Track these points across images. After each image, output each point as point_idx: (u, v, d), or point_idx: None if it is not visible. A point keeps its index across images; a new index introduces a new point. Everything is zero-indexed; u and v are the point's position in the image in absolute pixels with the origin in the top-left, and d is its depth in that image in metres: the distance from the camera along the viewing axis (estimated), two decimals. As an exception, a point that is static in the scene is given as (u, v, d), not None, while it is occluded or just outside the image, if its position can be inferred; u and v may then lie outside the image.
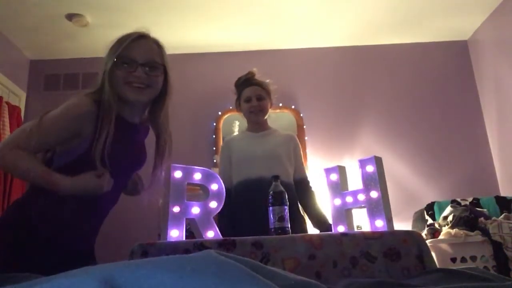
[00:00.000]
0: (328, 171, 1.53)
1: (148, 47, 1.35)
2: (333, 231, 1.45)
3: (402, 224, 2.93)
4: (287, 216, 1.44)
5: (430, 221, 2.71)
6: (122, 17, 3.15)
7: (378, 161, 1.42)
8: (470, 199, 2.76)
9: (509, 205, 2.66)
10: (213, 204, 1.44)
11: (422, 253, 1.27)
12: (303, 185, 2.02)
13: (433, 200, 2.86)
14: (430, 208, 2.80)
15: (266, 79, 2.10)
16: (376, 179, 1.39)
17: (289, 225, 1.45)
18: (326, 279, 1.19)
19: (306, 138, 3.40)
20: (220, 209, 1.98)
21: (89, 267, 0.47)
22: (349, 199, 1.45)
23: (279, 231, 1.40)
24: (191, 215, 1.39)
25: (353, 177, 1.57)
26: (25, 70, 3.62)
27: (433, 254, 1.40)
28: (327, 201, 1.51)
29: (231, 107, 3.46)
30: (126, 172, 1.37)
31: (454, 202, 2.69)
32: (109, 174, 1.22)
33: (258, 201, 1.75)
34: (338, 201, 1.48)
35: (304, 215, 2.04)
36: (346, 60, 3.66)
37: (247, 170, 1.93)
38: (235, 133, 3.22)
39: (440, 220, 2.59)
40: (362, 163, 1.44)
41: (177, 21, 3.23)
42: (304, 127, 3.44)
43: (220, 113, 3.47)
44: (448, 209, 2.59)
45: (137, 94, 1.28)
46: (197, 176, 1.45)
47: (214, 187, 1.46)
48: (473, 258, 2.33)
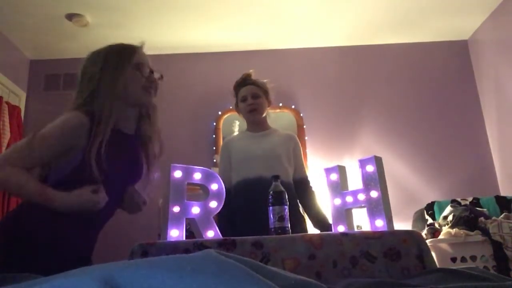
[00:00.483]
0: (328, 171, 1.53)
1: (146, 56, 1.43)
2: (333, 231, 1.45)
3: (402, 224, 2.93)
4: (287, 216, 1.44)
5: (430, 221, 2.71)
6: (122, 17, 3.15)
7: (378, 161, 1.42)
8: (470, 199, 2.76)
9: (509, 205, 2.66)
10: (213, 204, 1.44)
11: (422, 253, 1.27)
12: (303, 185, 2.02)
13: (433, 200, 2.86)
14: (430, 208, 2.80)
15: (265, 79, 2.10)
16: (376, 179, 1.39)
17: (289, 225, 1.45)
18: (326, 279, 1.19)
19: (306, 138, 3.40)
20: (220, 209, 1.99)
21: (89, 267, 0.47)
22: (349, 199, 1.45)
23: (279, 231, 1.40)
24: (191, 215, 1.39)
25: (353, 177, 1.57)
26: (25, 70, 3.62)
27: (433, 254, 1.40)
28: (327, 201, 1.52)
29: (231, 107, 3.45)
30: (123, 184, 1.37)
31: (454, 202, 2.69)
32: (105, 187, 1.21)
33: (257, 201, 1.75)
34: (338, 201, 1.48)
35: (304, 215, 2.04)
36: (346, 60, 3.66)
37: (246, 170, 1.92)
38: (235, 133, 3.22)
39: (440, 220, 2.59)
40: (362, 163, 1.44)
41: (177, 21, 3.23)
42: (304, 127, 3.44)
43: (220, 113, 3.47)
44: (448, 209, 2.59)
45: (151, 98, 1.38)
46: (197, 176, 1.45)
47: (214, 187, 1.46)
48: (473, 258, 2.33)
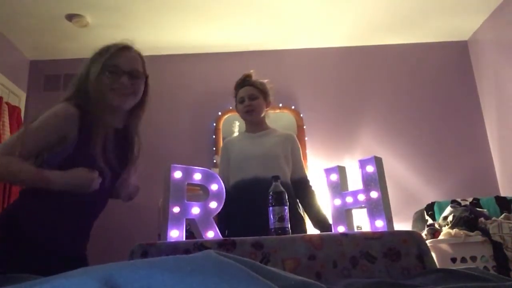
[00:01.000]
0: (328, 171, 1.53)
1: (132, 57, 1.43)
2: (333, 231, 1.45)
3: (402, 224, 2.93)
4: (287, 217, 1.44)
5: (430, 221, 2.71)
6: (122, 17, 3.15)
7: (378, 161, 1.42)
8: (470, 199, 2.76)
9: (509, 205, 2.66)
10: (213, 205, 1.44)
11: (422, 253, 1.27)
12: (303, 185, 2.01)
13: (433, 200, 2.86)
14: (430, 208, 2.80)
15: (265, 79, 2.10)
16: (376, 179, 1.39)
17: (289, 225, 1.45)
18: (326, 279, 1.19)
19: (306, 138, 3.40)
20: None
21: (89, 267, 0.47)
22: (349, 199, 1.45)
23: (279, 232, 1.40)
24: (191, 215, 1.39)
25: (353, 177, 1.57)
26: (25, 70, 3.62)
27: (433, 254, 1.40)
28: (327, 202, 1.52)
29: (231, 107, 3.46)
30: (113, 176, 1.41)
31: (454, 202, 2.69)
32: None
33: (254, 201, 1.75)
34: (338, 201, 1.48)
35: (304, 215, 2.03)
36: (346, 60, 3.66)
37: (244, 171, 1.93)
38: (235, 134, 3.22)
39: (440, 220, 2.59)
40: (362, 163, 1.44)
41: (177, 21, 3.23)
42: (304, 127, 3.44)
43: (220, 113, 3.47)
44: (448, 209, 2.59)
45: (121, 101, 1.36)
46: (197, 177, 1.45)
47: (214, 187, 1.46)
48: (473, 258, 2.33)
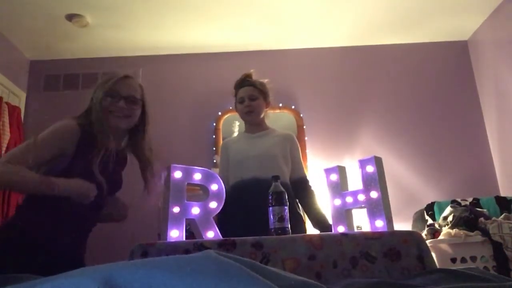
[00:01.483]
0: (328, 171, 1.53)
1: (130, 85, 1.55)
2: (333, 231, 1.45)
3: (402, 224, 2.93)
4: (287, 217, 1.44)
5: (430, 221, 2.71)
6: (122, 18, 3.15)
7: (378, 161, 1.42)
8: (470, 199, 2.76)
9: (509, 205, 2.66)
10: (213, 205, 1.44)
11: (422, 253, 1.27)
12: (302, 185, 2.01)
13: (433, 200, 2.85)
14: (430, 208, 2.80)
15: (265, 79, 2.09)
16: (376, 179, 1.39)
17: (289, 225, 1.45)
18: (326, 280, 1.19)
19: (306, 138, 3.40)
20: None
21: (89, 267, 0.47)
22: (349, 199, 1.45)
23: (279, 232, 1.40)
24: (191, 216, 1.39)
25: (353, 177, 1.57)
26: (25, 71, 3.62)
27: (433, 254, 1.40)
28: (327, 202, 1.52)
29: (231, 107, 3.45)
30: (106, 192, 1.52)
31: (454, 202, 2.69)
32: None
33: (253, 201, 1.75)
34: (338, 201, 1.48)
35: (304, 215, 2.03)
36: (346, 60, 3.66)
37: (242, 171, 1.93)
38: (235, 134, 3.22)
39: (440, 220, 2.59)
40: (362, 163, 1.44)
41: (177, 22, 3.23)
42: (304, 127, 3.44)
43: (220, 113, 3.47)
44: (448, 209, 2.59)
45: (117, 122, 1.50)
46: (197, 177, 1.45)
47: (214, 187, 1.46)
48: (473, 259, 2.32)
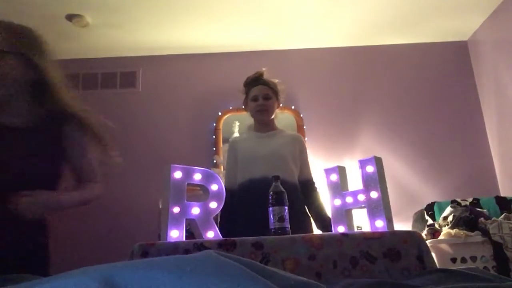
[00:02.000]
0: (328, 172, 1.53)
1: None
2: (333, 232, 1.45)
3: (402, 224, 2.93)
4: (287, 217, 1.44)
5: (430, 222, 2.71)
6: (122, 18, 3.15)
7: (378, 161, 1.42)
8: (470, 199, 2.75)
9: (509, 205, 2.66)
10: (213, 205, 1.44)
11: (422, 254, 1.27)
12: (308, 186, 2.02)
13: (433, 200, 2.85)
14: (430, 208, 2.80)
15: (275, 79, 2.10)
16: (376, 179, 1.39)
17: (289, 226, 1.44)
18: (326, 280, 1.19)
19: (306, 139, 3.39)
20: (221, 210, 1.98)
21: (89, 267, 0.47)
22: (349, 200, 1.45)
23: (279, 232, 1.40)
24: (191, 216, 1.39)
25: (353, 177, 1.57)
26: (25, 71, 3.62)
27: (433, 255, 1.40)
28: (327, 202, 1.52)
29: (231, 107, 3.47)
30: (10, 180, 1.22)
31: (454, 202, 2.69)
32: None
33: (262, 201, 1.75)
34: (338, 202, 1.48)
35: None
36: (346, 61, 3.66)
37: (252, 170, 1.92)
38: (235, 134, 3.22)
39: (440, 221, 2.59)
40: (362, 163, 1.44)
41: (177, 22, 3.23)
42: (304, 128, 3.44)
43: (220, 113, 3.47)
44: (448, 209, 2.59)
45: None
46: (197, 177, 1.45)
47: (214, 188, 1.46)
48: (473, 259, 2.32)
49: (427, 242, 1.76)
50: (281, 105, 3.36)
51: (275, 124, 2.12)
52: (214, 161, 3.27)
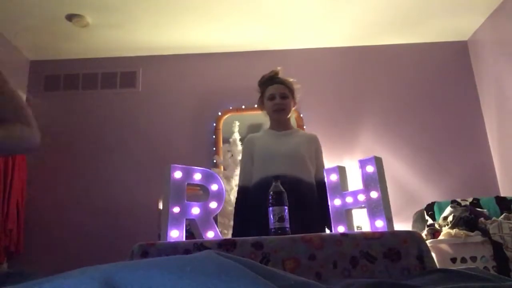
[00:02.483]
0: (328, 172, 1.54)
1: None
2: (333, 232, 1.45)
3: (402, 224, 2.93)
4: (287, 217, 1.44)
5: (430, 222, 2.71)
6: (122, 17, 3.15)
7: (378, 161, 1.42)
8: (470, 199, 2.76)
9: (509, 205, 2.66)
10: (213, 205, 1.44)
11: (422, 254, 1.27)
12: (323, 186, 2.01)
13: (433, 201, 2.85)
14: (430, 209, 2.80)
15: (290, 78, 2.09)
16: (376, 179, 1.39)
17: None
18: (326, 280, 1.19)
19: (306, 138, 3.39)
20: (235, 209, 1.96)
21: (89, 267, 0.47)
22: (349, 199, 1.45)
23: (279, 232, 1.40)
24: (191, 216, 1.39)
25: (353, 177, 1.57)
26: (25, 71, 3.62)
27: (433, 255, 1.40)
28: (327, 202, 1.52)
29: (231, 107, 3.47)
30: None
31: (454, 203, 2.69)
32: None
33: None
34: (338, 201, 1.48)
35: None
36: (346, 61, 3.66)
37: (270, 168, 1.88)
38: (235, 134, 3.21)
39: (440, 221, 2.59)
40: (362, 163, 1.44)
41: (177, 22, 3.23)
42: (304, 127, 3.44)
43: (220, 113, 3.47)
44: (448, 210, 2.59)
45: None
46: (197, 177, 1.45)
47: (214, 188, 1.46)
48: (473, 259, 2.32)
49: (427, 242, 1.76)
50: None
51: (291, 123, 2.11)
52: (214, 161, 3.27)
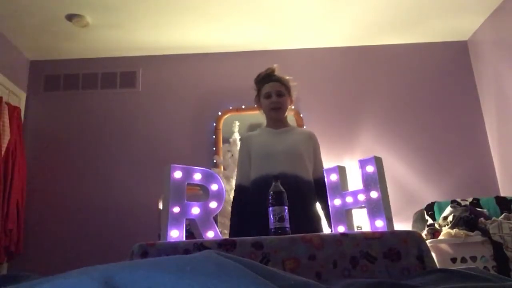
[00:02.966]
0: (328, 171, 1.54)
1: None
2: (333, 232, 1.45)
3: (402, 224, 2.93)
4: (287, 217, 1.44)
5: (430, 221, 2.71)
6: (122, 17, 3.15)
7: (378, 161, 1.42)
8: (470, 199, 2.76)
9: (509, 205, 2.66)
10: (213, 205, 1.44)
11: (422, 253, 1.27)
12: (323, 184, 1.99)
13: (433, 200, 2.85)
14: (430, 208, 2.80)
15: (287, 76, 2.09)
16: (376, 179, 1.39)
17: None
18: (326, 280, 1.19)
19: (306, 138, 3.39)
20: (232, 208, 1.95)
21: (89, 267, 0.47)
22: (349, 199, 1.45)
23: (279, 232, 1.40)
24: (191, 216, 1.39)
25: (353, 177, 1.57)
26: (25, 71, 3.62)
27: (433, 255, 1.40)
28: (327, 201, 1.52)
29: (231, 107, 3.47)
30: None
31: (454, 202, 2.69)
32: None
33: None
34: (338, 201, 1.48)
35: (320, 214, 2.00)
36: (346, 61, 3.66)
37: (268, 166, 1.87)
38: (235, 134, 3.21)
39: (440, 220, 2.59)
40: (362, 163, 1.44)
41: (177, 22, 3.23)
42: (304, 127, 3.44)
43: (220, 113, 3.47)
44: (448, 209, 2.59)
45: None
46: (197, 177, 1.45)
47: (214, 188, 1.46)
48: (473, 259, 2.32)
49: (427, 242, 1.76)
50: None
51: (287, 121, 2.09)
52: (214, 161, 3.27)
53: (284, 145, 1.93)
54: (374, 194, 1.38)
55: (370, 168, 1.42)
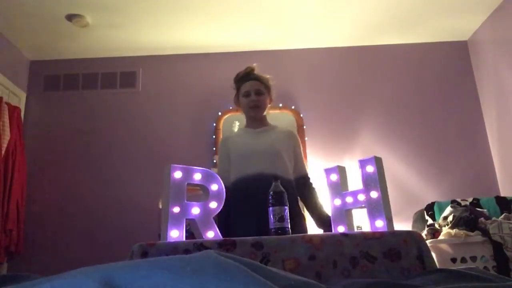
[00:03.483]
0: (328, 171, 1.53)
1: None
2: (333, 231, 1.45)
3: (402, 224, 2.93)
4: (287, 217, 1.44)
5: (430, 222, 2.71)
6: (122, 18, 3.15)
7: (378, 161, 1.42)
8: (470, 199, 2.75)
9: (509, 205, 2.66)
10: (213, 205, 1.44)
11: (422, 254, 1.27)
12: (305, 182, 1.99)
13: (433, 200, 2.85)
14: (430, 208, 2.80)
15: (267, 75, 2.08)
16: (376, 179, 1.39)
17: (289, 224, 1.44)
18: (326, 280, 1.19)
19: (306, 138, 3.40)
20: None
21: (89, 267, 0.47)
22: (349, 199, 1.45)
23: (279, 232, 1.40)
24: (191, 216, 1.39)
25: (353, 177, 1.57)
26: (25, 71, 3.62)
27: (433, 255, 1.40)
28: (327, 202, 1.52)
29: (231, 107, 3.46)
30: None
31: (454, 202, 2.69)
32: None
33: (257, 197, 1.73)
34: (338, 201, 1.48)
35: (305, 213, 2.01)
36: (346, 61, 3.66)
37: (247, 166, 1.87)
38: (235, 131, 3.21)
39: (440, 221, 2.59)
40: (362, 163, 1.44)
41: (177, 22, 3.23)
42: (304, 127, 3.44)
43: (220, 113, 3.47)
44: (448, 209, 2.59)
45: None
46: (197, 177, 1.45)
47: (214, 187, 1.46)
48: (473, 259, 2.32)
49: (427, 242, 1.76)
50: (281, 105, 3.41)
51: (267, 120, 2.07)
52: (214, 161, 3.27)
53: (263, 145, 1.92)
54: (374, 194, 1.38)
55: (370, 168, 1.42)
